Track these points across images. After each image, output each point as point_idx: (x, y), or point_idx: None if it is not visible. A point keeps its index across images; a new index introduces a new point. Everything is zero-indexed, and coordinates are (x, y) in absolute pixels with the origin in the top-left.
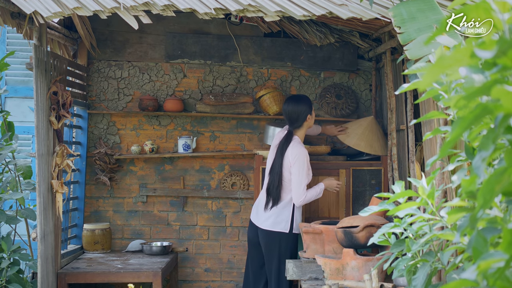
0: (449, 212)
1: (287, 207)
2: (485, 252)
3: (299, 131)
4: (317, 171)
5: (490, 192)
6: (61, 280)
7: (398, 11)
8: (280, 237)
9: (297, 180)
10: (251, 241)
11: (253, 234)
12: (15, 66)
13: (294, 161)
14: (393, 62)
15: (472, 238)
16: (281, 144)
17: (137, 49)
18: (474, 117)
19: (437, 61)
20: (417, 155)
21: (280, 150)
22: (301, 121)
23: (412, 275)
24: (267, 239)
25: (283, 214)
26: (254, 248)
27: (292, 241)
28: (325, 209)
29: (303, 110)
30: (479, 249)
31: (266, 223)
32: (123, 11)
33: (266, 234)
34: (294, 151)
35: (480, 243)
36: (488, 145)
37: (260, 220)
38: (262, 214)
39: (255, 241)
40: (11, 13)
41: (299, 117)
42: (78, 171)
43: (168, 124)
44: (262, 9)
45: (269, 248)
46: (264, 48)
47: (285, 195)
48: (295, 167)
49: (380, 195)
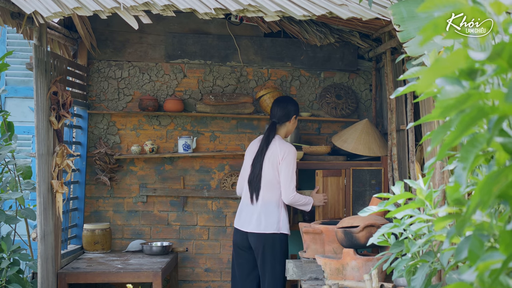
0: (435, 221)
1: (276, 208)
2: (482, 255)
3: (281, 129)
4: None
5: (488, 193)
6: (61, 280)
7: (398, 10)
8: (273, 238)
9: (287, 175)
10: (240, 247)
11: (242, 239)
12: (15, 66)
13: (283, 157)
14: (393, 62)
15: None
16: (266, 135)
17: (137, 49)
18: (470, 119)
19: (433, 65)
20: (417, 155)
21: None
22: (286, 118)
23: (411, 276)
24: (260, 242)
25: (273, 215)
26: (243, 254)
27: (285, 242)
28: (325, 209)
29: (291, 109)
30: (475, 252)
31: (257, 226)
32: (123, 11)
33: (258, 237)
34: (284, 147)
35: (476, 246)
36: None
37: (249, 224)
38: (250, 218)
39: (244, 246)
40: (11, 13)
41: (286, 113)
42: (78, 171)
43: (168, 124)
44: (262, 9)
45: (263, 251)
46: (264, 48)
47: (272, 196)
48: (284, 163)
49: (379, 196)
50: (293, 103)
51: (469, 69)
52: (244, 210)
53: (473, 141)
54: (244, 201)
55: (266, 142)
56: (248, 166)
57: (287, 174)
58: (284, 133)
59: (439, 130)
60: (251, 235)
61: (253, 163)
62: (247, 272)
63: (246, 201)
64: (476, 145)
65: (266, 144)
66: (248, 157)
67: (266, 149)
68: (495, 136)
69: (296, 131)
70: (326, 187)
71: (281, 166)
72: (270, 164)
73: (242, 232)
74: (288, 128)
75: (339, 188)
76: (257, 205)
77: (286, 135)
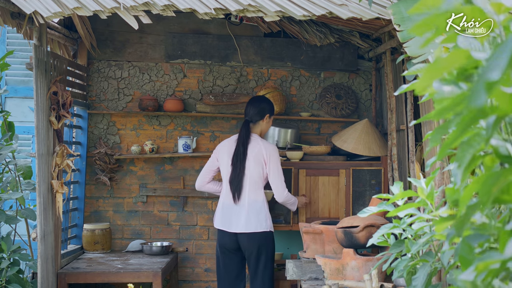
0: (436, 222)
1: (263, 207)
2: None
3: (255, 128)
4: (317, 171)
5: (487, 194)
6: (61, 280)
7: (398, 9)
8: (265, 237)
9: (277, 174)
10: (228, 249)
11: (231, 241)
12: (15, 66)
13: (269, 157)
14: (393, 62)
15: (459, 246)
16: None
17: (137, 49)
18: (470, 119)
19: (433, 64)
20: (417, 155)
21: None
22: (259, 117)
23: (411, 276)
24: (253, 241)
25: (261, 214)
26: (231, 256)
27: (273, 240)
28: (325, 209)
29: (265, 107)
30: (466, 257)
31: (247, 226)
32: (123, 11)
33: (250, 237)
34: (268, 147)
35: (466, 251)
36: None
37: (237, 225)
38: (237, 219)
39: (232, 247)
40: (11, 13)
41: (259, 111)
42: (78, 171)
43: (168, 124)
44: (262, 9)
45: (258, 250)
46: (264, 48)
47: (257, 194)
48: (272, 162)
49: (379, 196)
50: (267, 102)
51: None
52: (227, 210)
53: (470, 141)
54: (226, 202)
55: (244, 141)
56: (225, 166)
57: (277, 173)
58: (259, 132)
59: (438, 130)
60: (241, 235)
61: (233, 162)
62: (236, 273)
63: (227, 201)
64: (473, 145)
65: (245, 143)
66: (224, 157)
67: (246, 148)
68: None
69: (296, 131)
70: (316, 186)
71: (269, 165)
72: (255, 163)
73: (230, 234)
74: (262, 127)
75: (335, 188)
76: (242, 205)
77: (261, 134)
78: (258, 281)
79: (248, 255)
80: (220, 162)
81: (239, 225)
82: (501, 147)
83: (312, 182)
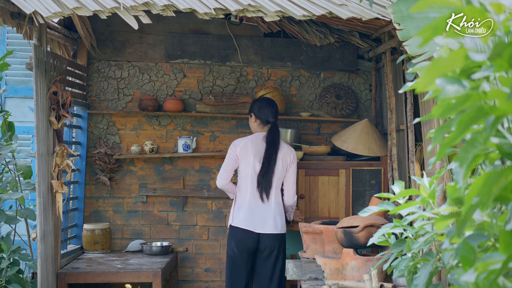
0: (437, 219)
1: (283, 208)
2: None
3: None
4: (317, 171)
5: (487, 193)
6: (61, 280)
7: (398, 8)
8: (283, 237)
9: (294, 178)
10: (249, 250)
11: (253, 241)
12: (15, 66)
13: (292, 160)
14: (393, 62)
15: (460, 245)
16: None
17: (137, 49)
18: (470, 119)
19: (433, 64)
20: (417, 155)
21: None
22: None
23: (412, 275)
24: (275, 242)
25: (283, 215)
26: (250, 257)
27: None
28: (325, 209)
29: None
30: (467, 256)
31: (274, 227)
32: (123, 11)
33: (274, 238)
34: (293, 151)
35: (467, 251)
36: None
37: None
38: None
39: (253, 248)
40: (11, 13)
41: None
42: (78, 171)
43: (168, 124)
44: (262, 9)
45: (278, 251)
46: (264, 48)
47: (279, 196)
48: (293, 166)
49: (380, 195)
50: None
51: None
52: (254, 210)
53: (472, 141)
54: (252, 201)
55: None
56: (248, 165)
57: (294, 176)
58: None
59: (440, 130)
60: (265, 236)
61: (263, 162)
62: (251, 274)
63: (253, 200)
64: (475, 145)
65: (276, 144)
66: (248, 156)
67: (278, 149)
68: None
69: (296, 131)
70: (316, 186)
71: (290, 168)
72: (281, 164)
73: (253, 234)
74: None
75: (335, 187)
76: (269, 205)
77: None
78: (274, 280)
79: (267, 255)
80: (241, 161)
81: (266, 226)
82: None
83: (312, 182)
